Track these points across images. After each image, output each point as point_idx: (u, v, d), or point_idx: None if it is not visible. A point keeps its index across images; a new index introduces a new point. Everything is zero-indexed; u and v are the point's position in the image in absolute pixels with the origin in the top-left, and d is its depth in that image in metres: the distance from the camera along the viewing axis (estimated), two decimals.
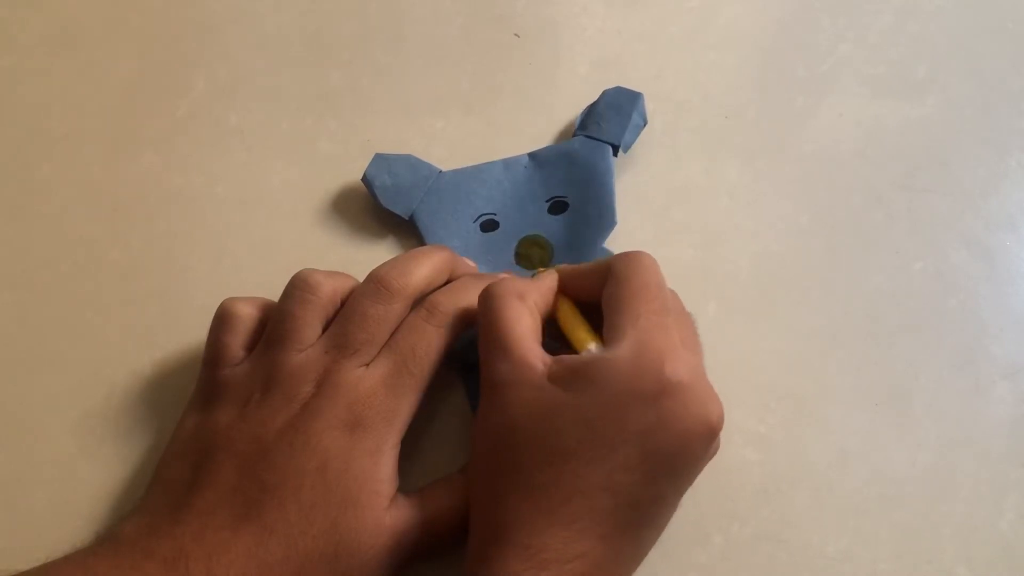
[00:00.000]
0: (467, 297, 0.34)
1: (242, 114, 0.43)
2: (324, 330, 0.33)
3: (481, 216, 0.39)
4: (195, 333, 0.37)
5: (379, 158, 0.40)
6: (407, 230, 0.40)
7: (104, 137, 0.42)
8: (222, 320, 0.34)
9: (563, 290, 0.34)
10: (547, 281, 0.34)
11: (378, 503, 0.31)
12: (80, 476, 0.35)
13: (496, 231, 0.39)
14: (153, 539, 0.29)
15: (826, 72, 0.44)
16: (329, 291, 0.34)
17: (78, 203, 0.41)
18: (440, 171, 0.40)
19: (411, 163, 0.40)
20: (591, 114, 0.41)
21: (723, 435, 0.32)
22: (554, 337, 0.33)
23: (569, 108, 0.43)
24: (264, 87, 0.44)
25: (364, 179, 0.40)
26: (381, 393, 0.32)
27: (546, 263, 0.39)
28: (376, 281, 0.33)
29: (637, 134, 0.41)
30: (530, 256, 0.39)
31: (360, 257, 0.39)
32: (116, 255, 0.39)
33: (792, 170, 0.42)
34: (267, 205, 0.41)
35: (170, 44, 0.45)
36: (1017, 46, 0.45)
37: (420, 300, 0.34)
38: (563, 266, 0.35)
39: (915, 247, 0.40)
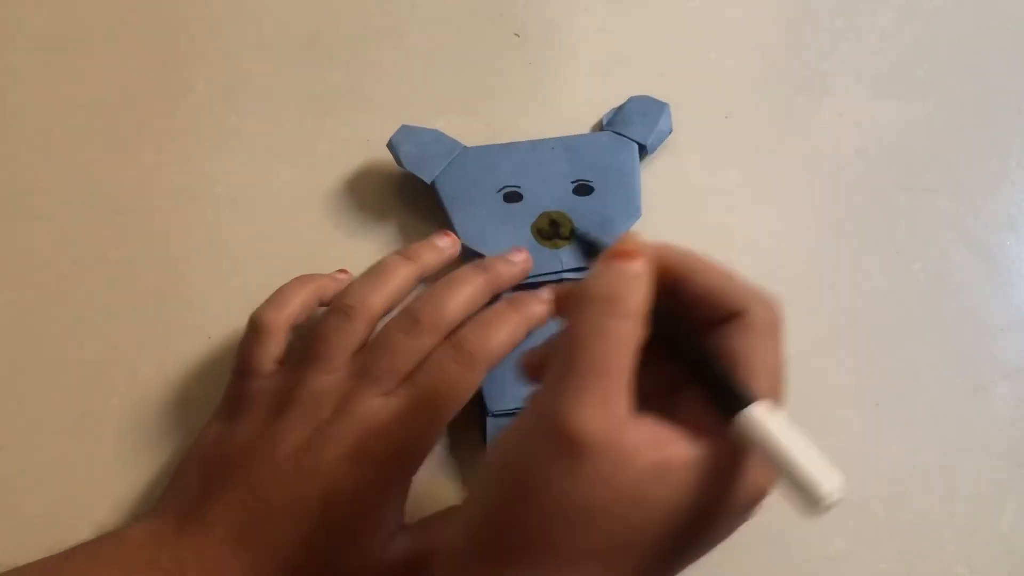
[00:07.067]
0: (497, 335, 0.32)
1: (242, 114, 0.43)
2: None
3: (505, 187, 0.39)
4: (194, 333, 0.37)
5: (405, 128, 0.40)
6: (408, 231, 0.40)
7: (104, 137, 0.42)
8: (253, 331, 0.34)
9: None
10: (643, 278, 0.25)
11: (378, 539, 0.30)
12: (80, 476, 0.35)
13: (519, 203, 0.39)
14: (156, 548, 0.30)
15: (826, 72, 0.44)
16: (367, 317, 0.33)
17: (78, 203, 0.41)
18: (465, 147, 0.40)
19: (437, 136, 0.40)
20: (618, 115, 0.42)
21: None
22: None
23: (569, 108, 0.43)
24: (264, 87, 0.44)
25: (389, 144, 0.40)
26: (396, 428, 0.31)
27: (566, 237, 0.38)
28: (408, 315, 0.33)
29: (662, 139, 0.41)
30: (549, 231, 0.38)
31: (359, 257, 0.39)
32: (116, 255, 0.39)
33: (792, 170, 0.42)
34: (267, 205, 0.41)
35: (170, 44, 0.45)
36: (1017, 46, 0.45)
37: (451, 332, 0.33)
38: (665, 247, 0.27)
39: (915, 247, 0.40)
